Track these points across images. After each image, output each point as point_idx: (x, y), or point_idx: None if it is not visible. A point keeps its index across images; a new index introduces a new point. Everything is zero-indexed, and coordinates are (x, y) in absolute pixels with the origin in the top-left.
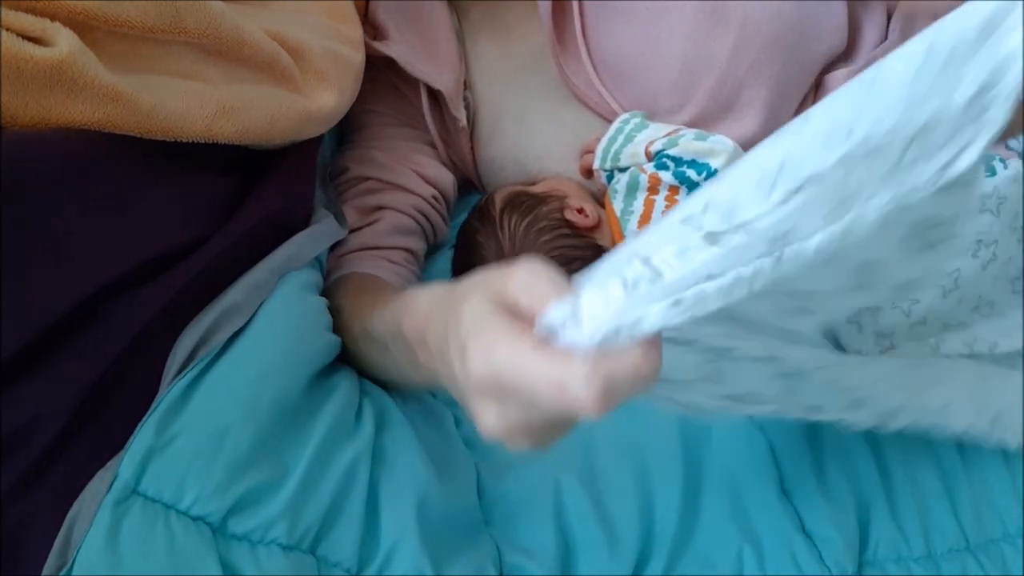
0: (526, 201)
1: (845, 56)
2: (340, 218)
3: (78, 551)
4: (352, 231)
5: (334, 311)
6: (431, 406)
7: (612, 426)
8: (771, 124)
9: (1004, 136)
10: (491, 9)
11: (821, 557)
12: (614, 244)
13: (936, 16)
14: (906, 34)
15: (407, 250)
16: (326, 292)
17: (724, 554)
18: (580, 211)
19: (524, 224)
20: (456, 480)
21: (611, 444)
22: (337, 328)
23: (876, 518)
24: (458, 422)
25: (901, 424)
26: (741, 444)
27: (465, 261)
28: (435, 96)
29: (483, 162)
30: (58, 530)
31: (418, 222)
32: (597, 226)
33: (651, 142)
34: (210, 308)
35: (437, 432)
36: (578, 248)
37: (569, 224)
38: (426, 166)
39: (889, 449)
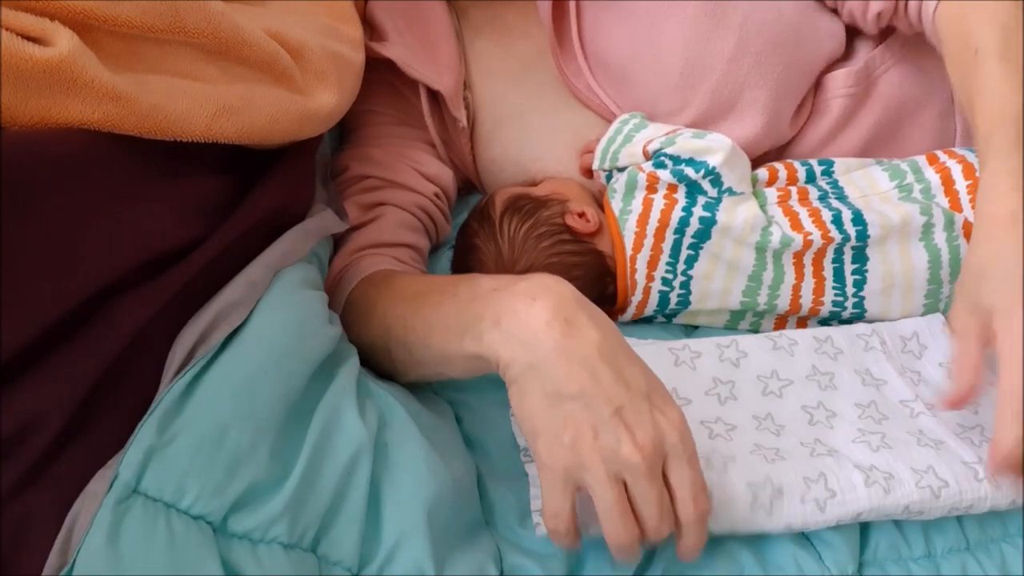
0: (527, 205)
1: (844, 57)
2: (342, 215)
3: (79, 550)
4: (356, 228)
5: (363, 311)
6: (434, 405)
7: None
8: (772, 125)
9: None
10: (491, 9)
11: (821, 557)
12: (614, 250)
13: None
14: (905, 34)
15: (412, 247)
16: (351, 292)
17: (724, 555)
18: (581, 215)
19: (524, 229)
20: (458, 479)
21: None
22: (362, 327)
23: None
24: (459, 420)
25: None
26: None
27: (464, 264)
28: (435, 96)
29: (483, 163)
30: (59, 529)
31: (420, 220)
32: (598, 231)
33: (649, 141)
34: (208, 306)
35: (439, 431)
36: (578, 254)
37: (569, 229)
38: (426, 164)
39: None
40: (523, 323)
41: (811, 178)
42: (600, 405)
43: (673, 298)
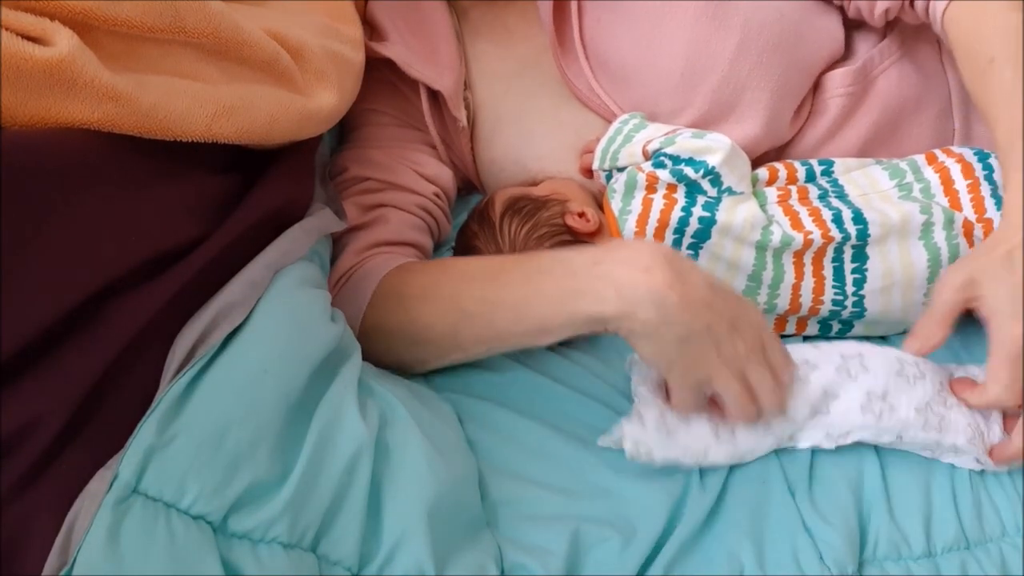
0: (526, 206)
1: (843, 56)
2: (340, 214)
3: (79, 551)
4: (360, 228)
5: (415, 296)
6: (435, 405)
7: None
8: (772, 126)
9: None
10: (491, 10)
11: (821, 557)
12: None
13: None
14: (904, 31)
15: (417, 246)
16: (381, 282)
17: (724, 554)
18: (581, 215)
19: (524, 230)
20: (458, 478)
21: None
22: (413, 311)
23: (875, 517)
24: (460, 420)
25: None
26: None
27: None
28: (435, 96)
29: (483, 163)
30: (59, 529)
31: (424, 219)
32: (598, 231)
33: (648, 141)
34: (207, 306)
35: (440, 430)
36: None
37: (570, 230)
38: (425, 165)
39: (889, 448)
40: (647, 289)
41: (811, 177)
42: (720, 326)
43: None
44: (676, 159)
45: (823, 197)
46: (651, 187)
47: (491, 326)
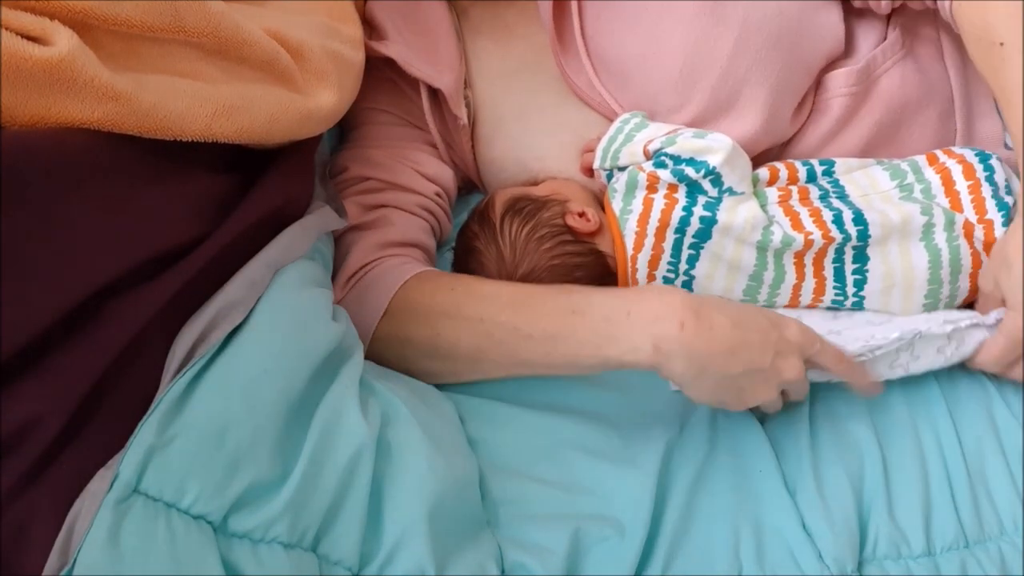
0: (527, 206)
1: (845, 55)
2: (340, 213)
3: (79, 550)
4: (365, 228)
5: (440, 311)
6: (436, 404)
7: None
8: (771, 123)
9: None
10: (491, 9)
11: (820, 555)
12: (615, 249)
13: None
14: (906, 31)
15: (423, 247)
16: (399, 291)
17: (724, 552)
18: (582, 215)
19: (525, 231)
20: (459, 477)
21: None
22: (440, 326)
23: (875, 516)
24: (462, 419)
25: None
26: (743, 441)
27: (465, 267)
28: (436, 95)
29: (484, 162)
30: (59, 529)
31: (426, 220)
32: (599, 231)
33: (649, 141)
34: (207, 305)
35: (441, 429)
36: (579, 255)
37: (571, 230)
38: (426, 164)
39: (889, 447)
40: (680, 344)
41: (812, 178)
42: (760, 363)
43: None
44: (677, 159)
45: (824, 197)
46: (652, 187)
47: (516, 355)
